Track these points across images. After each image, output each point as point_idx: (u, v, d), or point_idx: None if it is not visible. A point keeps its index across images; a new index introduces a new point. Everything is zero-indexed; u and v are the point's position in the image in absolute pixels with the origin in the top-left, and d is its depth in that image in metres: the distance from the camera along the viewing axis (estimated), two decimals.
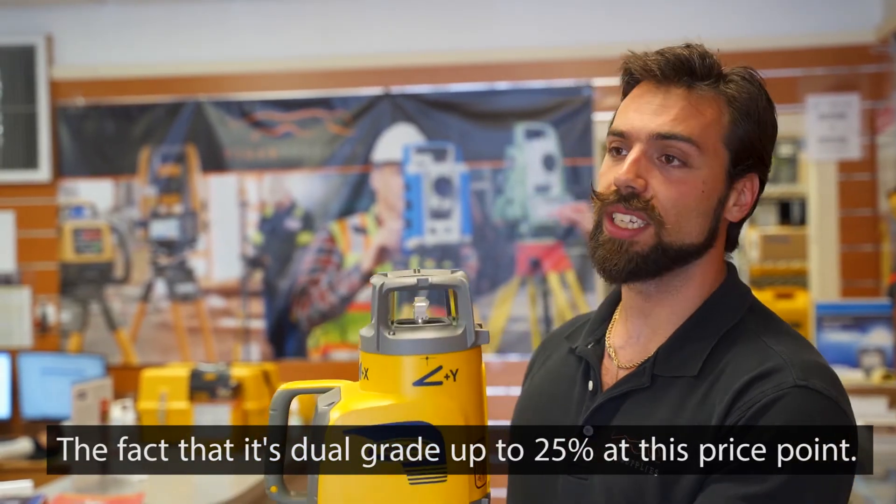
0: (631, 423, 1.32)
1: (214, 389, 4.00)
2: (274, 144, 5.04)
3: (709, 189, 1.34)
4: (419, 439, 1.13)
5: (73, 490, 3.34)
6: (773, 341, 1.32)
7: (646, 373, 1.35)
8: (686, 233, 1.34)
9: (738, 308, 1.38)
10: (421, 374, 1.14)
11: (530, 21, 4.88)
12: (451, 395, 1.15)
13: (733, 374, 1.29)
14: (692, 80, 1.36)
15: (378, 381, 1.16)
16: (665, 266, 1.35)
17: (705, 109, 1.34)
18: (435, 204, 4.94)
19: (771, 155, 1.41)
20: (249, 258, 5.07)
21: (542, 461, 1.36)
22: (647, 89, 1.37)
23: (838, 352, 4.30)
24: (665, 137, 1.33)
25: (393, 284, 1.17)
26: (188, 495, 3.50)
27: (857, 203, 4.68)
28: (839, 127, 4.66)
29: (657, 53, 1.37)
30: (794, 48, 4.71)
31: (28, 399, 5.00)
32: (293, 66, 5.03)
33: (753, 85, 1.39)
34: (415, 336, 1.16)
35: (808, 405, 1.25)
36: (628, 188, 1.32)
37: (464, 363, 1.16)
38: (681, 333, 1.37)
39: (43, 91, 5.13)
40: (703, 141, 1.33)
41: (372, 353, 1.17)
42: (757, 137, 1.37)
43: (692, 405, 1.30)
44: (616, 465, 1.31)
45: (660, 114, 1.34)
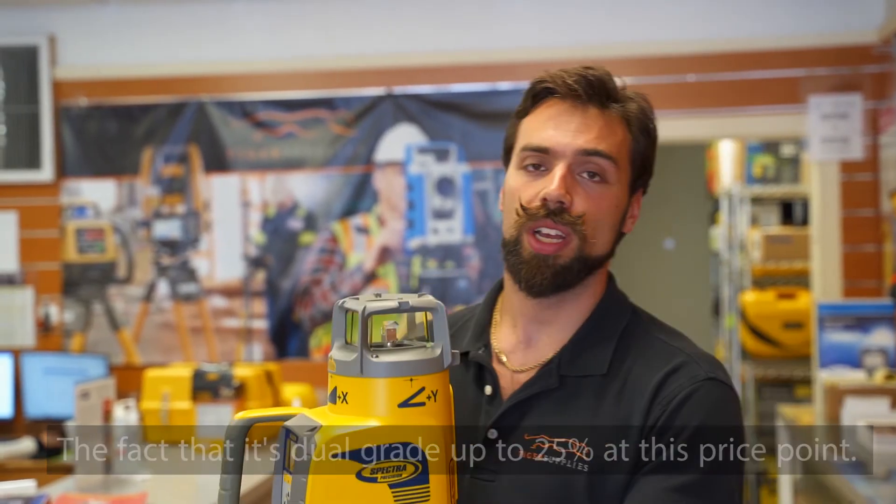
0: (549, 423, 1.36)
1: (217, 389, 4.00)
2: (276, 144, 5.04)
3: (620, 203, 1.42)
4: (405, 460, 1.15)
5: (77, 490, 3.34)
6: (667, 338, 1.43)
7: (553, 374, 1.40)
8: (601, 245, 1.41)
9: (625, 310, 1.46)
10: (406, 396, 1.16)
11: (532, 21, 4.89)
12: (433, 416, 1.17)
13: (644, 371, 1.37)
14: (606, 101, 1.42)
15: (360, 405, 1.16)
16: (583, 276, 1.41)
17: (617, 129, 1.42)
18: (437, 204, 4.94)
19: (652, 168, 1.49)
20: (252, 258, 5.07)
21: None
22: (563, 108, 1.42)
23: (840, 352, 4.30)
24: (589, 154, 1.39)
25: (375, 308, 1.18)
26: (191, 495, 3.51)
27: (859, 203, 4.68)
28: (842, 127, 4.66)
29: (575, 73, 1.43)
30: (796, 48, 4.71)
31: (31, 399, 5.00)
32: (295, 67, 5.04)
33: (646, 104, 1.47)
34: (397, 358, 1.17)
35: (719, 396, 1.35)
36: (558, 203, 1.37)
37: (441, 384, 1.19)
38: (581, 336, 1.42)
39: (46, 91, 5.14)
40: (618, 158, 1.40)
41: (353, 377, 1.17)
42: (650, 154, 1.46)
43: (609, 402, 1.36)
44: (538, 465, 1.34)
45: (582, 132, 1.39)
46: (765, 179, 6.03)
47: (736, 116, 4.78)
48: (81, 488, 3.36)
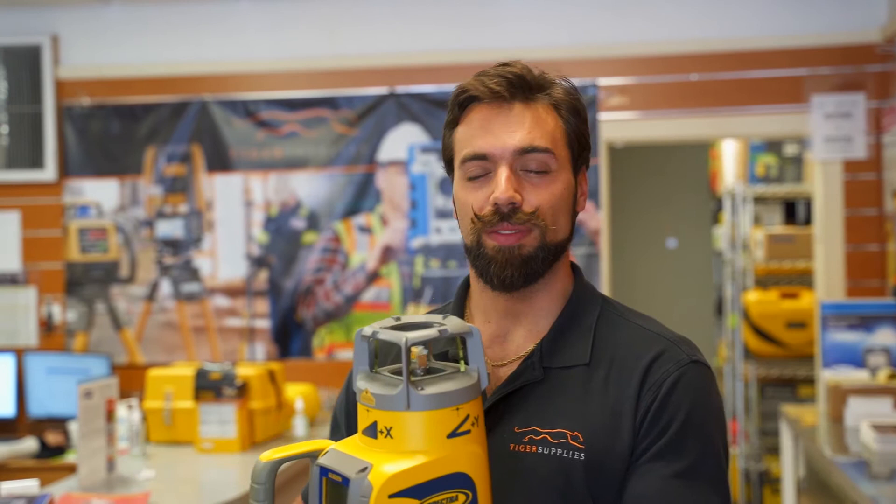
0: (539, 415, 1.38)
1: (220, 389, 4.00)
2: (279, 144, 5.04)
3: (568, 187, 1.44)
4: (457, 489, 1.14)
5: (80, 489, 3.34)
6: (642, 322, 1.46)
7: (536, 367, 1.41)
8: (560, 230, 1.43)
9: (595, 300, 1.48)
10: (454, 426, 1.15)
11: (535, 20, 4.89)
12: (478, 442, 1.18)
13: (627, 357, 1.40)
14: (530, 94, 1.43)
15: (408, 438, 1.14)
16: (549, 263, 1.43)
17: (547, 118, 1.43)
18: (440, 203, 4.94)
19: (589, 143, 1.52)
20: (254, 258, 5.07)
21: None
22: (488, 112, 1.43)
23: (844, 351, 4.30)
24: (527, 151, 1.40)
25: (417, 339, 1.15)
26: (194, 494, 3.51)
27: (862, 202, 4.68)
28: (845, 126, 4.66)
29: (494, 75, 1.43)
30: (799, 48, 4.71)
31: (34, 398, 5.01)
32: (298, 66, 5.04)
33: (568, 83, 1.48)
34: (443, 389, 1.16)
35: (702, 377, 1.39)
36: (510, 205, 1.38)
37: (480, 408, 1.20)
38: (558, 327, 1.44)
39: (48, 91, 5.14)
40: (554, 146, 1.42)
41: (398, 412, 1.14)
42: (582, 130, 1.47)
43: (597, 389, 1.38)
44: (533, 457, 1.35)
45: (514, 130, 1.41)
46: (768, 179, 6.03)
47: (739, 116, 4.77)
48: (84, 487, 3.36)
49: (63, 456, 4.64)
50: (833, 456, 3.52)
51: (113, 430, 3.58)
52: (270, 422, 4.21)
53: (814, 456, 3.88)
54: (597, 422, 1.35)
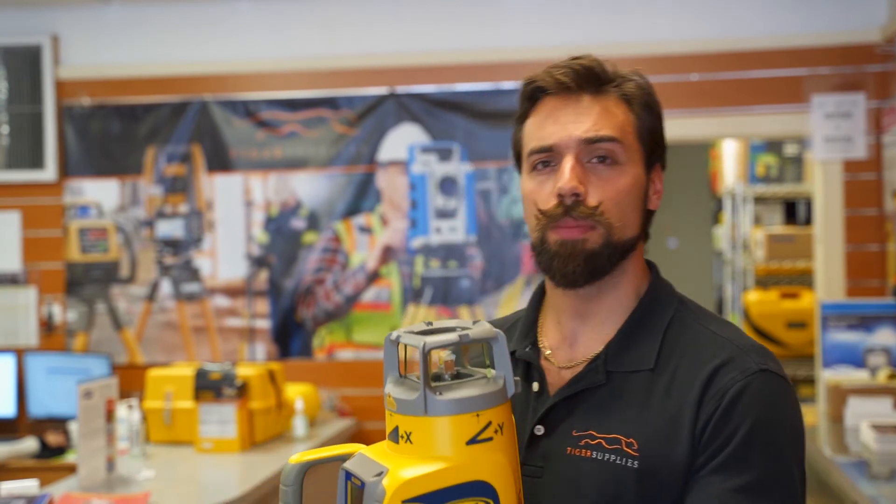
0: (597, 420, 1.35)
1: (220, 389, 4.00)
2: (279, 144, 5.04)
3: (637, 182, 1.40)
4: (477, 498, 1.11)
5: (79, 489, 3.34)
6: (715, 328, 1.39)
7: (599, 370, 1.38)
8: (628, 227, 1.39)
9: (671, 301, 1.44)
10: (474, 433, 1.13)
11: (536, 20, 4.88)
12: (501, 450, 1.15)
13: (693, 363, 1.35)
14: (599, 86, 1.41)
15: (426, 444, 1.13)
16: (616, 261, 1.40)
17: (616, 110, 1.41)
18: (440, 203, 4.94)
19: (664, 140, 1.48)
20: (255, 258, 5.07)
21: None
22: (556, 104, 1.42)
23: (844, 351, 4.30)
24: (592, 141, 1.38)
25: (436, 343, 1.14)
26: (194, 494, 3.51)
27: (862, 202, 4.68)
28: (845, 126, 4.66)
29: (562, 66, 1.42)
30: (799, 47, 4.71)
31: (34, 398, 5.01)
32: (298, 66, 5.04)
33: (643, 80, 1.46)
34: (462, 394, 1.14)
35: (773, 388, 1.32)
36: (573, 196, 1.36)
37: (507, 415, 1.17)
38: (626, 330, 1.40)
39: (49, 91, 5.14)
40: (623, 138, 1.39)
41: (417, 416, 1.13)
42: (657, 127, 1.45)
43: (658, 397, 1.34)
44: (587, 461, 1.33)
45: (581, 122, 1.39)
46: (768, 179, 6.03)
47: (739, 116, 4.77)
48: (84, 487, 3.36)
49: (63, 456, 4.64)
50: (833, 456, 3.52)
51: (113, 430, 3.58)
52: (270, 422, 4.21)
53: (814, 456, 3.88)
54: (653, 429, 1.31)
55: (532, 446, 1.38)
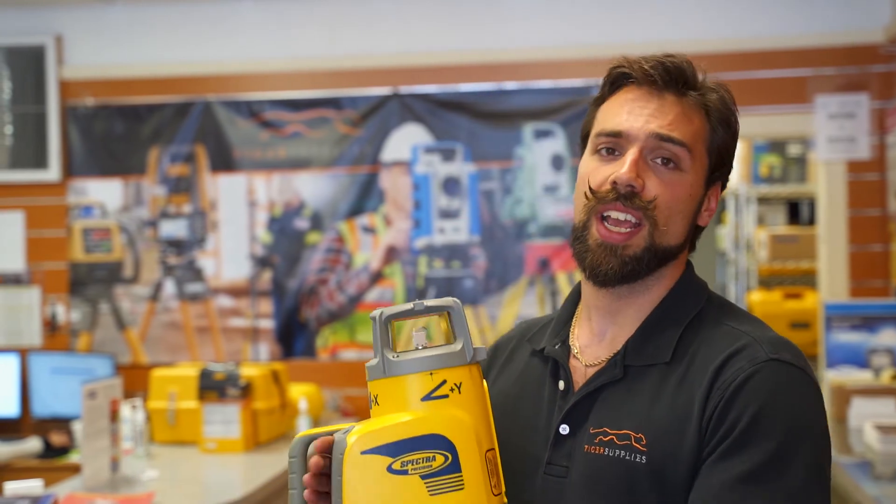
0: (610, 415, 1.35)
1: (224, 389, 4.00)
2: (283, 144, 5.05)
3: (694, 193, 1.39)
4: (434, 451, 1.18)
5: (84, 489, 3.35)
6: (736, 323, 1.37)
7: (617, 365, 1.38)
8: (672, 234, 1.38)
9: (698, 299, 1.42)
10: (427, 390, 1.21)
11: (539, 21, 4.88)
12: (458, 406, 1.21)
13: (706, 356, 1.34)
14: (684, 89, 1.40)
15: (389, 404, 1.22)
16: (653, 267, 1.38)
17: (694, 117, 1.39)
18: (443, 204, 4.94)
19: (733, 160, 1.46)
20: (258, 258, 5.08)
21: (517, 462, 1.40)
22: (639, 94, 1.40)
23: (847, 352, 4.30)
24: (663, 139, 1.37)
25: (392, 312, 1.26)
26: (198, 494, 3.51)
27: (866, 203, 4.67)
28: (848, 127, 4.66)
29: (653, 59, 1.40)
30: (803, 48, 4.71)
31: (37, 398, 5.01)
32: (302, 66, 5.04)
33: (728, 95, 1.44)
34: (417, 355, 1.23)
35: (783, 377, 1.29)
36: (628, 187, 1.35)
37: (466, 377, 1.23)
38: (647, 325, 1.40)
39: (52, 91, 5.14)
40: (693, 146, 1.38)
41: (379, 380, 1.23)
42: (729, 144, 1.43)
43: (669, 390, 1.33)
44: (601, 458, 1.33)
45: (657, 117, 1.38)
46: (771, 179, 6.03)
47: (742, 116, 4.68)
48: (88, 488, 3.36)
49: (67, 456, 4.64)
50: (837, 456, 3.52)
51: (117, 431, 3.59)
52: (274, 422, 4.21)
53: None
54: (662, 424, 1.31)
55: (558, 446, 1.38)
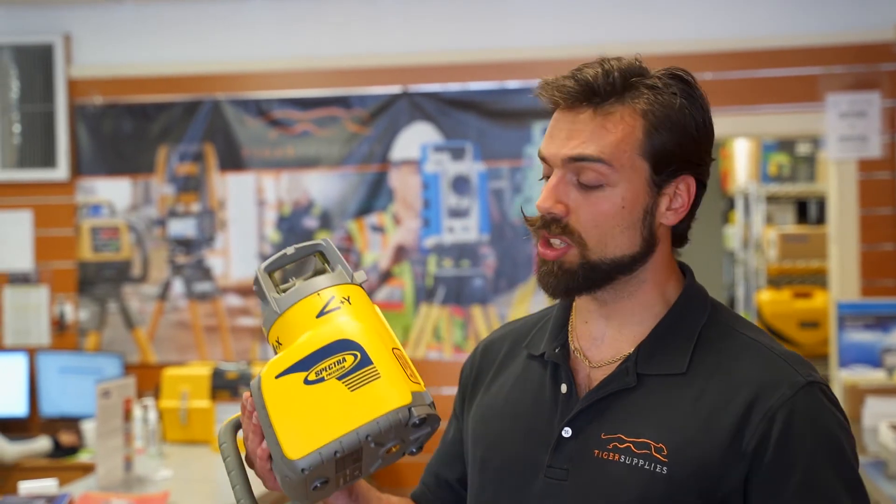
0: (627, 423, 1.34)
1: (236, 388, 4.00)
2: (291, 143, 5.04)
3: (629, 203, 1.36)
4: (342, 353, 1.25)
5: (98, 489, 3.34)
6: (753, 334, 1.39)
7: (629, 372, 1.37)
8: (613, 247, 1.36)
9: (704, 306, 1.43)
10: (320, 307, 1.28)
11: (548, 19, 4.88)
12: (352, 313, 1.28)
13: (729, 369, 1.34)
14: (599, 100, 1.36)
15: (290, 338, 1.28)
16: (601, 280, 1.38)
17: (614, 127, 1.35)
18: (453, 203, 4.93)
19: (706, 153, 1.42)
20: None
21: (515, 465, 1.40)
22: (559, 115, 1.39)
23: (860, 351, 4.29)
24: (575, 160, 1.35)
25: (268, 262, 1.36)
26: (211, 494, 3.50)
27: (877, 202, 4.67)
28: (859, 125, 4.65)
29: (566, 78, 1.38)
30: (813, 46, 4.70)
31: (46, 398, 5.00)
32: (311, 65, 5.03)
33: (665, 93, 1.38)
34: (301, 285, 1.31)
35: (823, 402, 1.32)
36: (549, 214, 1.36)
37: (352, 291, 1.31)
38: (658, 333, 1.39)
39: (61, 90, 5.13)
40: (616, 157, 1.34)
41: (276, 322, 1.30)
42: (677, 143, 1.37)
43: (689, 402, 1.33)
44: (616, 466, 1.32)
45: (571, 138, 1.36)
46: (780, 178, 6.03)
47: (753, 115, 4.76)
48: (102, 487, 3.36)
49: (76, 455, 4.63)
50: None
51: (130, 430, 3.58)
52: None
53: None
54: (684, 435, 1.30)
55: (559, 449, 1.37)
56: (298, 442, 1.22)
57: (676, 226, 1.42)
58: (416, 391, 1.26)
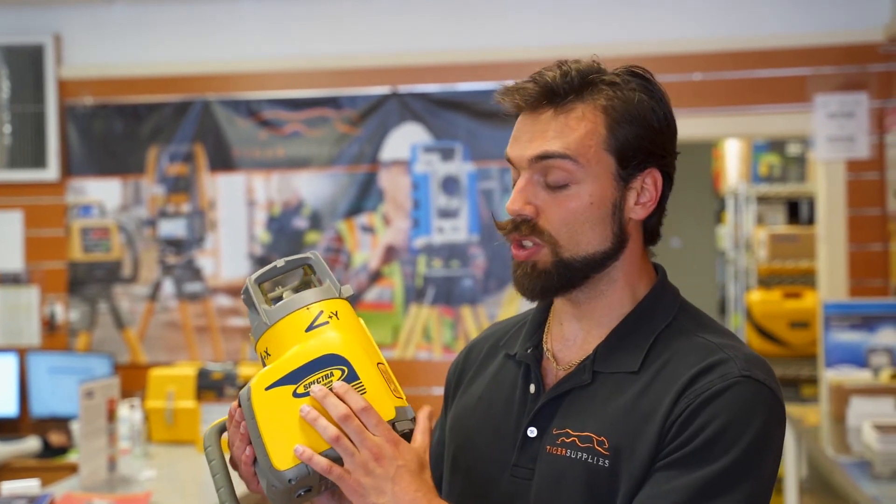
0: (574, 417, 1.36)
1: (222, 388, 4.00)
2: (282, 143, 5.04)
3: (597, 199, 1.37)
4: (329, 367, 1.27)
5: (81, 489, 3.35)
6: (710, 336, 1.38)
7: (586, 370, 1.39)
8: (585, 244, 1.37)
9: (670, 308, 1.43)
10: (308, 321, 1.31)
11: (538, 20, 4.88)
12: (340, 328, 1.31)
13: (677, 367, 1.34)
14: (559, 100, 1.38)
15: (278, 350, 1.31)
16: (576, 278, 1.38)
17: (577, 124, 1.36)
18: (443, 203, 4.94)
19: (669, 145, 1.42)
20: (257, 257, 5.07)
21: (483, 464, 1.42)
22: (523, 119, 1.40)
23: (846, 351, 4.29)
24: (541, 158, 1.36)
25: (258, 274, 1.37)
26: (195, 494, 3.51)
27: (865, 202, 4.67)
28: (848, 126, 4.65)
29: (526, 82, 1.39)
30: (802, 47, 4.70)
31: (36, 398, 5.01)
32: (301, 66, 5.03)
33: (625, 88, 1.39)
34: (291, 298, 1.33)
35: (753, 395, 1.30)
36: (519, 216, 1.37)
37: (340, 306, 1.34)
38: (618, 332, 1.40)
39: (51, 90, 5.14)
40: (580, 153, 1.36)
41: (265, 333, 1.32)
42: (641, 136, 1.38)
43: (634, 396, 1.34)
44: (563, 460, 1.34)
45: (534, 139, 1.37)
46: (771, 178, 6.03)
47: (742, 115, 4.76)
48: (86, 487, 3.36)
49: (65, 456, 4.64)
50: (836, 456, 3.52)
51: (114, 430, 3.58)
52: None
53: (816, 456, 3.88)
54: (625, 428, 1.31)
55: (524, 448, 1.39)
56: (286, 453, 1.26)
57: (646, 221, 1.43)
58: (399, 406, 1.29)
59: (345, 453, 1.25)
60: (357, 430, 1.25)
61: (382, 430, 1.26)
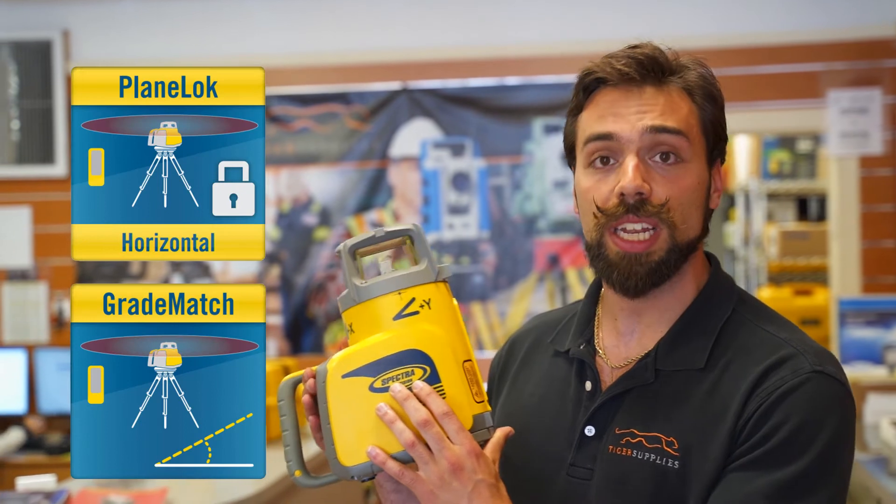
0: (639, 418, 1.31)
1: None
2: (291, 139, 5.02)
3: (701, 180, 1.33)
4: (411, 365, 1.23)
5: (96, 485, 3.32)
6: (774, 329, 1.32)
7: (648, 368, 1.33)
8: (692, 227, 1.32)
9: (729, 299, 1.37)
10: (398, 308, 1.25)
11: (549, 15, 4.86)
12: (430, 321, 1.25)
13: (744, 363, 1.28)
14: (662, 77, 1.34)
15: (362, 329, 1.26)
16: (681, 265, 1.33)
17: (680, 102, 1.33)
18: (453, 199, 4.92)
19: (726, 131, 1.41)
20: (266, 254, 5.05)
21: (537, 462, 1.37)
22: (618, 94, 1.34)
23: (861, 348, 4.27)
24: (658, 131, 1.30)
25: (355, 241, 1.30)
26: (211, 491, 3.49)
27: (878, 198, 4.65)
28: (860, 122, 4.63)
29: (623, 56, 1.34)
30: (815, 42, 4.68)
31: (44, 394, 4.99)
32: (310, 61, 5.01)
33: (705, 68, 1.37)
34: (384, 278, 1.26)
35: (826, 391, 1.25)
36: (637, 195, 1.29)
37: (434, 293, 1.26)
38: (680, 328, 1.34)
39: (59, 86, 5.12)
40: (689, 131, 1.32)
41: (352, 308, 1.27)
42: (718, 118, 1.36)
43: (703, 395, 1.29)
44: (629, 461, 1.29)
45: (645, 112, 1.31)
46: (781, 175, 6.02)
47: (754, 111, 4.75)
48: (101, 483, 3.34)
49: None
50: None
51: None
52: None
53: None
54: (694, 429, 1.26)
55: (583, 447, 1.34)
56: (354, 449, 1.23)
57: (709, 213, 1.39)
58: (477, 414, 1.25)
59: (420, 460, 1.20)
60: (437, 437, 1.20)
61: (463, 438, 1.21)
